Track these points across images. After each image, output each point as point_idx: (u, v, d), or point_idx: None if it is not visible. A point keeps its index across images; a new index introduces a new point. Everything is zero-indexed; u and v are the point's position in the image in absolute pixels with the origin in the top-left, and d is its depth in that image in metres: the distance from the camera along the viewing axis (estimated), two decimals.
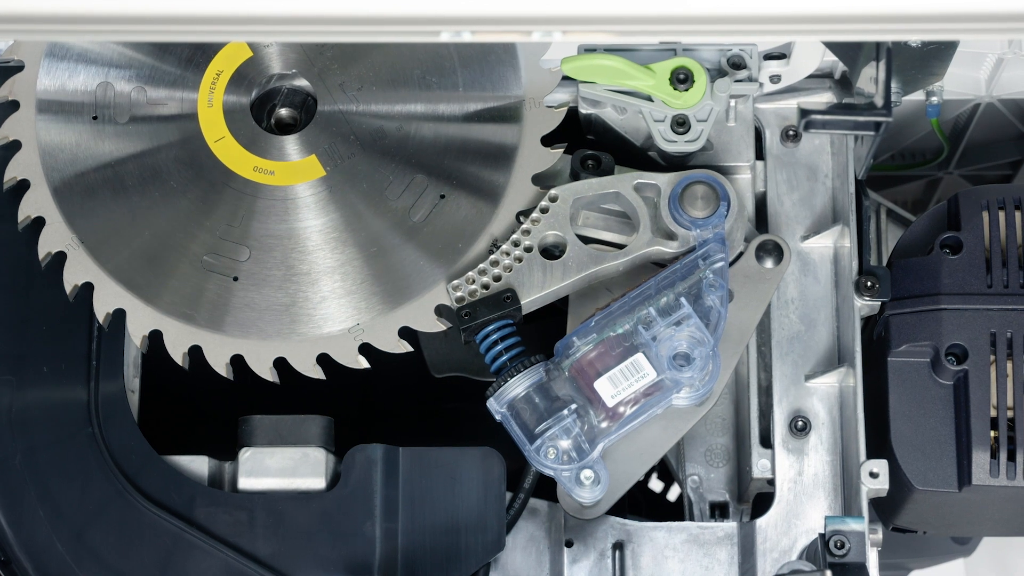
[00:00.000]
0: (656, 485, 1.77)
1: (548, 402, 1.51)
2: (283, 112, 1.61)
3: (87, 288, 1.56)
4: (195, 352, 1.54)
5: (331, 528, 1.53)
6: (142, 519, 1.53)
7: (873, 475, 1.55)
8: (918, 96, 1.68)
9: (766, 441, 1.61)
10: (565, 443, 1.50)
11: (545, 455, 1.51)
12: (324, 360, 1.53)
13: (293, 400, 1.58)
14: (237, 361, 1.54)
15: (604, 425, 1.51)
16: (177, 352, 1.55)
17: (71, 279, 1.56)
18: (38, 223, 1.57)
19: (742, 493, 1.66)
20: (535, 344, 1.55)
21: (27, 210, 1.58)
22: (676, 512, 1.70)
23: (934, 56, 1.54)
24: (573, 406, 1.50)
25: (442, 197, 1.57)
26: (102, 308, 1.55)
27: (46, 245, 1.57)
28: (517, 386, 1.51)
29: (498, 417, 1.52)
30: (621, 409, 1.51)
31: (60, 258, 1.56)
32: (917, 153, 2.03)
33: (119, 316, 1.55)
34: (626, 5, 1.10)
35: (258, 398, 1.60)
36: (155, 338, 1.55)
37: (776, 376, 1.61)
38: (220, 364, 1.54)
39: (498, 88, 1.59)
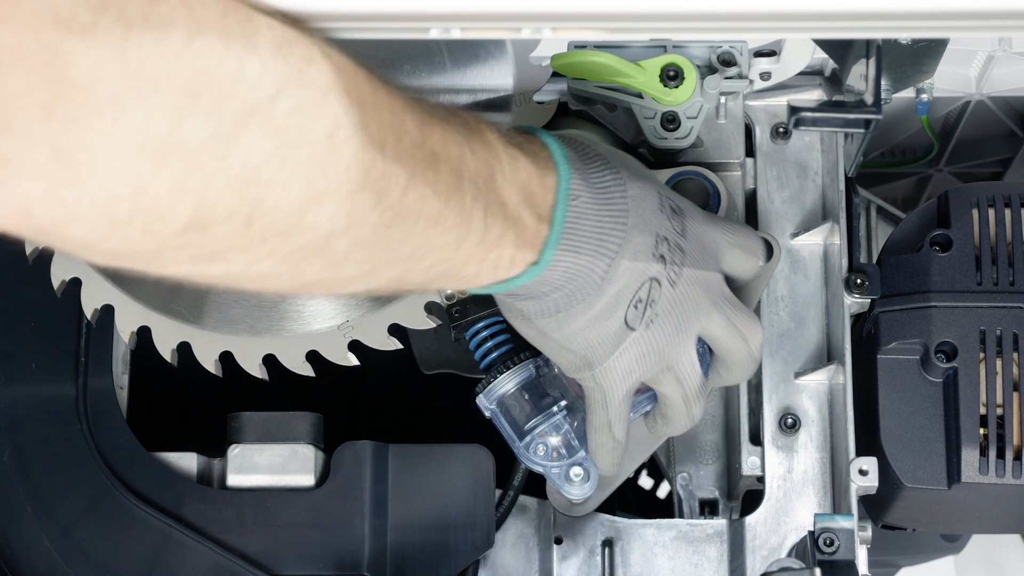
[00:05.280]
0: (646, 482, 1.76)
1: (538, 399, 1.50)
2: None
3: (75, 284, 1.55)
4: (184, 348, 1.54)
5: (320, 525, 1.52)
6: (131, 516, 1.52)
7: (862, 472, 1.55)
8: (908, 93, 1.68)
9: (756, 438, 1.61)
10: (555, 440, 1.50)
11: (535, 452, 1.50)
12: (313, 357, 1.53)
13: (282, 397, 1.58)
14: (226, 358, 1.54)
15: None
16: (165, 349, 1.54)
17: (58, 275, 1.55)
18: None
19: (731, 490, 1.66)
20: (526, 342, 1.54)
21: None
22: (665, 509, 1.70)
23: (924, 53, 1.54)
24: (563, 403, 1.50)
25: None
26: (90, 304, 1.55)
27: (33, 241, 1.56)
28: (507, 383, 1.51)
29: (487, 414, 1.52)
30: None
31: (47, 254, 1.55)
32: (907, 150, 2.03)
33: (107, 312, 1.55)
34: (617, 2, 1.10)
35: (247, 395, 1.60)
36: (143, 334, 1.54)
37: (766, 373, 1.61)
38: (209, 361, 1.54)
39: (487, 84, 1.59)
